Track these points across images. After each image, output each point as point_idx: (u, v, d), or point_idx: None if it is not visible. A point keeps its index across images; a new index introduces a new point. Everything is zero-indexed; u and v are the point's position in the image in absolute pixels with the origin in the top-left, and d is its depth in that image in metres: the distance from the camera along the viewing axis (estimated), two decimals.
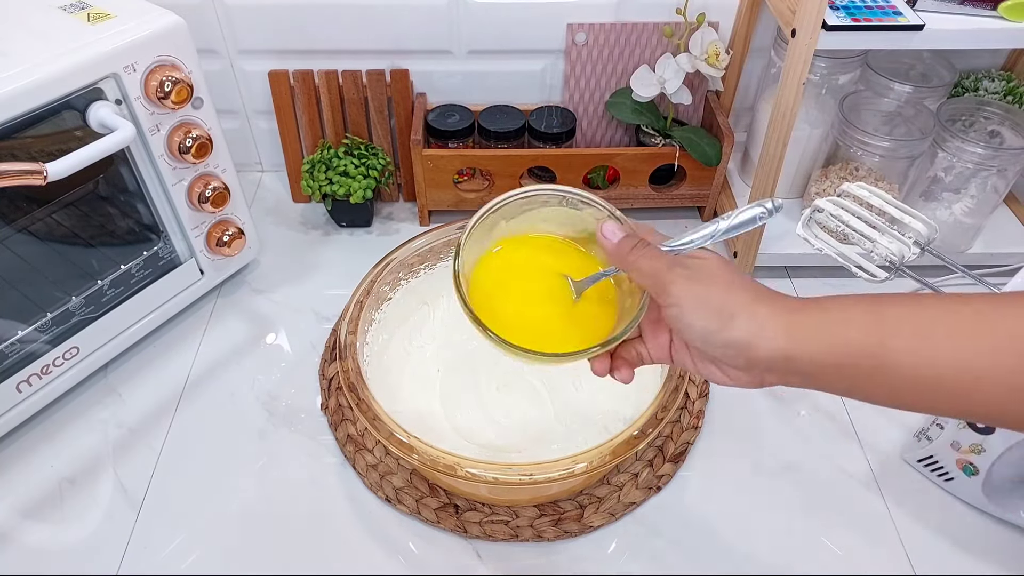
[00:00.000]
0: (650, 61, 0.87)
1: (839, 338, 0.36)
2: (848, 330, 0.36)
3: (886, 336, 0.35)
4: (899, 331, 0.35)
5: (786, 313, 0.38)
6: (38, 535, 0.61)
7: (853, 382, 0.37)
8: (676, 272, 0.40)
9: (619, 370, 0.46)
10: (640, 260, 0.42)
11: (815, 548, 0.61)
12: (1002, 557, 0.61)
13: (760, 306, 0.38)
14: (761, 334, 0.38)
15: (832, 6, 0.67)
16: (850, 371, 0.36)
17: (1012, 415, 0.34)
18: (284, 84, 0.86)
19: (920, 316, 0.36)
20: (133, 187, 0.68)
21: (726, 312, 0.38)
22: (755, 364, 0.39)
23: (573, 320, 0.49)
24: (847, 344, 0.36)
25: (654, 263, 0.42)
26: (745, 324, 0.38)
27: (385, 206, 0.95)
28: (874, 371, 0.36)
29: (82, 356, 0.70)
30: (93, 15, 0.63)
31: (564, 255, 0.52)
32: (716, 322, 0.39)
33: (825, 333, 0.37)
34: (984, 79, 0.88)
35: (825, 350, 0.37)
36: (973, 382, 0.34)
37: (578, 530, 0.62)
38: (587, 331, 0.47)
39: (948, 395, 0.35)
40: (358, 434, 0.68)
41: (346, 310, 0.65)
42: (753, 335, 0.38)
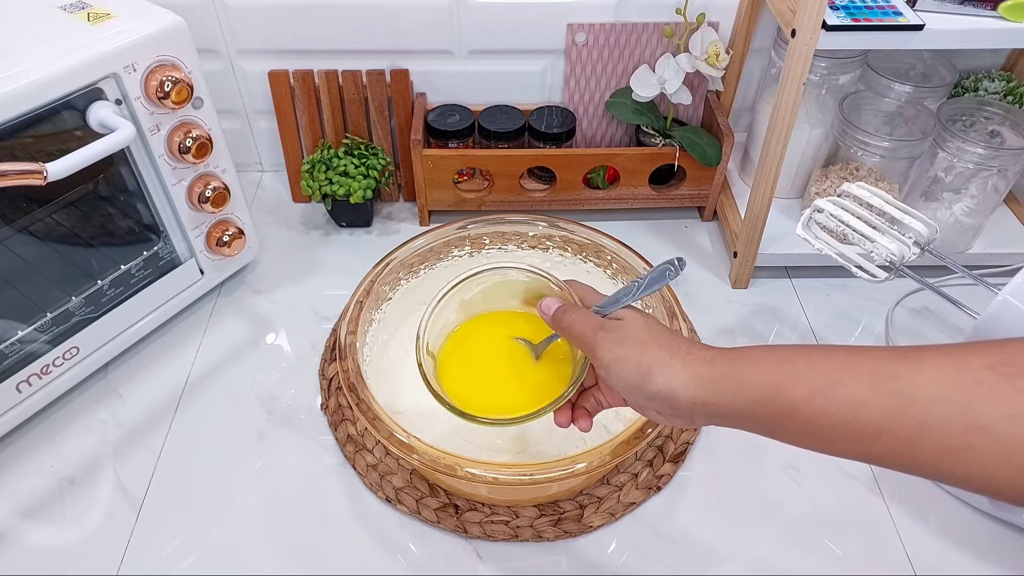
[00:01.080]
0: (650, 61, 0.87)
1: (747, 388, 0.40)
2: (753, 380, 0.40)
3: (785, 387, 0.38)
4: (797, 383, 0.38)
5: (699, 366, 0.42)
6: (38, 535, 0.61)
7: (767, 427, 0.40)
8: (600, 336, 0.46)
9: (578, 420, 0.51)
10: (571, 327, 0.48)
11: (815, 548, 0.61)
12: (1002, 557, 0.61)
13: (676, 361, 0.43)
14: (677, 387, 0.42)
15: (832, 6, 0.67)
16: (760, 417, 0.40)
17: (914, 466, 0.36)
18: (284, 84, 0.86)
19: (818, 368, 0.38)
20: (133, 187, 0.68)
21: (643, 369, 0.43)
22: (680, 411, 0.42)
23: (535, 381, 0.54)
24: (754, 393, 0.39)
25: (582, 329, 0.47)
26: (663, 379, 0.42)
27: (385, 206, 0.95)
28: (780, 418, 0.39)
29: (82, 356, 0.70)
30: (93, 15, 0.63)
31: (521, 323, 0.58)
32: (637, 378, 0.43)
33: (733, 385, 0.40)
34: (984, 79, 0.88)
35: (735, 399, 0.40)
36: (874, 434, 0.36)
37: (578, 530, 0.62)
38: (548, 389, 0.52)
39: (848, 442, 0.37)
40: (358, 434, 0.68)
41: (346, 310, 0.65)
42: (670, 388, 0.42)
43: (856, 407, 0.36)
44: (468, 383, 0.55)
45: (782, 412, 0.38)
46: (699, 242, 0.90)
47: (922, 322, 0.80)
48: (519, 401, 0.52)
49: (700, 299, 0.82)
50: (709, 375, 0.41)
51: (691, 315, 0.76)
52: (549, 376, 0.54)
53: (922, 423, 0.34)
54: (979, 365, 0.34)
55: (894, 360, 0.36)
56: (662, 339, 0.45)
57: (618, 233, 0.73)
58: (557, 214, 0.78)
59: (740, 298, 0.83)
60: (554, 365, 0.55)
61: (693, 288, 0.84)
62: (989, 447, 0.33)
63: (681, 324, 0.64)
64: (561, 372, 0.54)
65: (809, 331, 0.79)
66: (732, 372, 0.41)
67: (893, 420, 0.35)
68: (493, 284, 0.57)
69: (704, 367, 0.42)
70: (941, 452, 0.34)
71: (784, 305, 0.82)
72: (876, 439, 0.36)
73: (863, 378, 0.36)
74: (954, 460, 0.34)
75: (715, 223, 0.92)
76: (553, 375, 0.54)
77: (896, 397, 0.35)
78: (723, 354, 0.42)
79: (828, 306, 0.82)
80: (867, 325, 0.80)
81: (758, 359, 0.40)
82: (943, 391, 0.34)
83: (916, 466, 0.36)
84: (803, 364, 0.38)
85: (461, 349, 0.58)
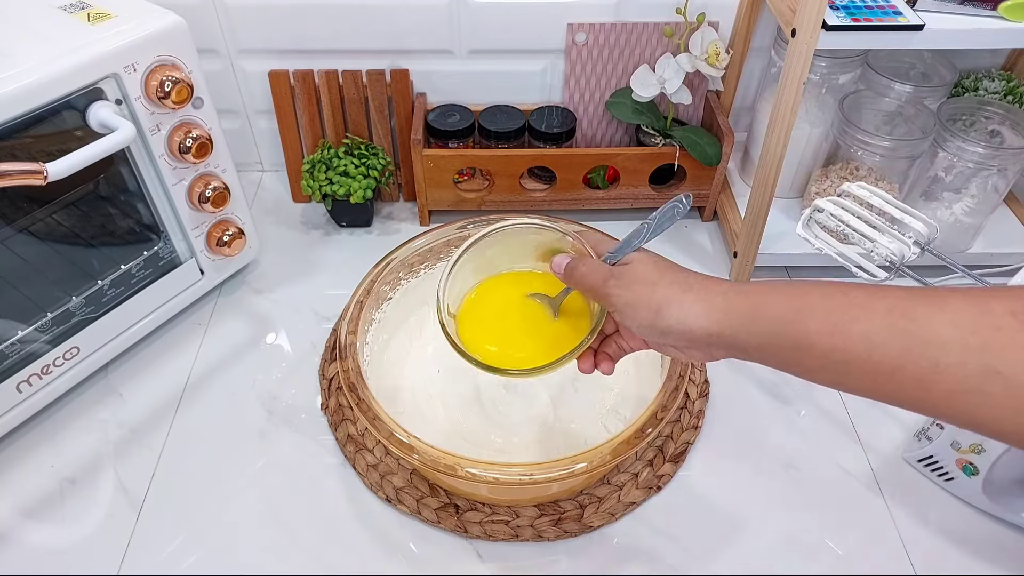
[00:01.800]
0: (650, 61, 0.87)
1: (761, 320, 0.40)
2: (768, 312, 0.40)
3: (800, 321, 0.38)
4: (813, 316, 0.38)
5: (712, 297, 0.42)
6: (38, 535, 0.61)
7: (782, 360, 0.40)
8: (610, 285, 0.46)
9: (600, 365, 0.53)
10: (583, 280, 0.49)
11: (815, 548, 0.61)
12: (1002, 557, 0.61)
13: (688, 296, 0.43)
14: (689, 320, 0.42)
15: (832, 6, 0.67)
16: (776, 350, 0.40)
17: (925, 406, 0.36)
18: (284, 84, 0.86)
19: (835, 304, 0.38)
20: (133, 187, 0.68)
21: (655, 307, 0.44)
22: (696, 343, 0.43)
23: (555, 334, 0.55)
24: (770, 325, 0.40)
25: (593, 280, 0.48)
26: (676, 314, 0.43)
27: (385, 206, 0.95)
28: (795, 352, 0.39)
29: (82, 356, 0.70)
30: (93, 15, 0.63)
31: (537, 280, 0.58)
32: (650, 317, 0.44)
33: (748, 316, 0.41)
34: (984, 79, 0.88)
35: (750, 331, 0.40)
36: (887, 373, 0.36)
37: (578, 530, 0.62)
38: (568, 341, 0.53)
39: (862, 379, 0.37)
40: (358, 434, 0.68)
41: (346, 310, 0.65)
42: (683, 322, 0.43)
43: (871, 345, 0.36)
44: (489, 341, 0.56)
45: (798, 346, 0.38)
46: (699, 242, 0.90)
47: None
48: (540, 353, 0.53)
49: None
50: (723, 306, 0.42)
51: None
52: (568, 329, 0.55)
53: (936, 364, 0.34)
54: (1001, 311, 0.34)
55: (913, 300, 0.36)
56: (672, 276, 0.45)
57: (618, 233, 0.72)
58: (557, 214, 0.78)
59: None
60: (572, 319, 0.56)
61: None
62: (1003, 393, 0.33)
63: None
64: (579, 324, 0.55)
65: None
66: (747, 304, 0.41)
67: (907, 360, 0.35)
68: (507, 243, 0.57)
69: (718, 298, 0.42)
70: (953, 394, 0.34)
71: None
72: (889, 378, 0.36)
73: (879, 316, 0.36)
74: (966, 403, 0.34)
75: (715, 223, 0.92)
76: (572, 328, 0.55)
77: (911, 337, 0.35)
78: (738, 287, 0.42)
79: None
80: None
81: (774, 291, 0.40)
82: (960, 334, 0.34)
83: (927, 406, 0.36)
84: (819, 299, 0.38)
85: (479, 309, 0.58)
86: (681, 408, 0.70)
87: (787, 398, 0.72)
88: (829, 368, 0.38)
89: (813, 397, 0.73)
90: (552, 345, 0.54)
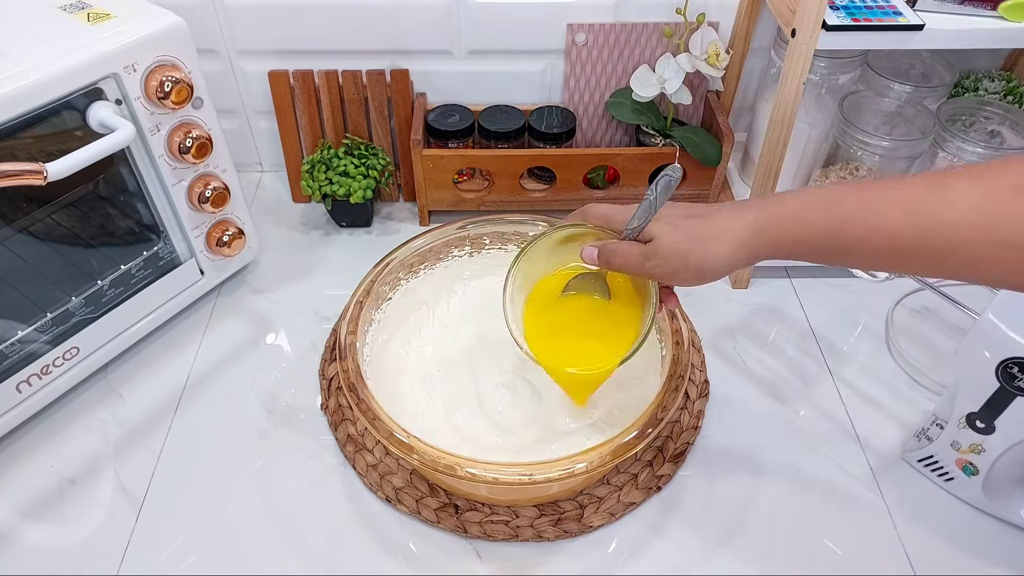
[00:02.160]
0: (650, 61, 0.87)
1: (785, 247, 0.47)
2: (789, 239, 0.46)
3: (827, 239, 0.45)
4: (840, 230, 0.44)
5: (742, 235, 0.48)
6: (38, 535, 0.61)
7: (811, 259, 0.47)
8: (649, 265, 0.51)
9: (667, 302, 0.57)
10: (622, 267, 0.53)
11: (815, 548, 0.61)
12: (1002, 557, 0.61)
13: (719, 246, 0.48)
14: (728, 264, 0.49)
15: (832, 6, 0.67)
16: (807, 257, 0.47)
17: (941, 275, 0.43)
18: (284, 84, 0.86)
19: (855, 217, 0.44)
20: (133, 187, 0.68)
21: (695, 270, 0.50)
22: (740, 268, 0.52)
23: (615, 320, 0.59)
24: (792, 247, 0.47)
25: (630, 264, 0.52)
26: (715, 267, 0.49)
27: (385, 206, 0.95)
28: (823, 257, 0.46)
29: (82, 356, 0.70)
30: (93, 15, 0.63)
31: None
32: (696, 278, 0.50)
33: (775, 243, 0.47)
34: (984, 79, 0.88)
35: (778, 252, 0.47)
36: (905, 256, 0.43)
37: (578, 530, 0.62)
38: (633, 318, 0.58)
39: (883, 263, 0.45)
40: (358, 434, 0.68)
41: (346, 310, 0.65)
42: (724, 269, 0.49)
43: (891, 238, 0.42)
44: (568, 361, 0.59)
45: (826, 247, 0.45)
46: None
47: (922, 322, 0.80)
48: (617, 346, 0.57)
49: (700, 299, 0.82)
50: (753, 236, 0.47)
51: (691, 314, 0.76)
52: (627, 305, 0.59)
53: (947, 243, 0.40)
54: (1003, 189, 0.38)
55: (925, 193, 0.41)
56: (699, 235, 0.49)
57: None
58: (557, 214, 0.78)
59: (740, 298, 0.83)
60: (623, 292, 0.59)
61: (693, 287, 0.83)
62: (1012, 257, 0.38)
63: (682, 324, 0.64)
64: (631, 291, 0.59)
65: (809, 331, 0.79)
66: (775, 224, 0.47)
67: (922, 244, 0.41)
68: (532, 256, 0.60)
69: (748, 223, 0.47)
70: (965, 264, 0.40)
71: (784, 305, 0.82)
72: (908, 260, 0.43)
73: (897, 211, 0.42)
74: (979, 271, 0.40)
75: None
76: (629, 302, 0.59)
77: (925, 228, 0.41)
78: (761, 209, 0.47)
79: (828, 306, 0.82)
80: (867, 325, 0.80)
81: (795, 208, 0.46)
82: (967, 216, 0.39)
83: (944, 275, 0.43)
84: (838, 208, 0.44)
85: (541, 318, 0.61)
86: (681, 408, 0.70)
87: (786, 398, 0.72)
88: (854, 256, 0.45)
89: (813, 397, 0.73)
90: (624, 328, 0.58)
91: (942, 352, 0.77)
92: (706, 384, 0.73)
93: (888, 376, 0.75)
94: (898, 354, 0.76)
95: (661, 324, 0.66)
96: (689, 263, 0.49)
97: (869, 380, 0.74)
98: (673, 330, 0.64)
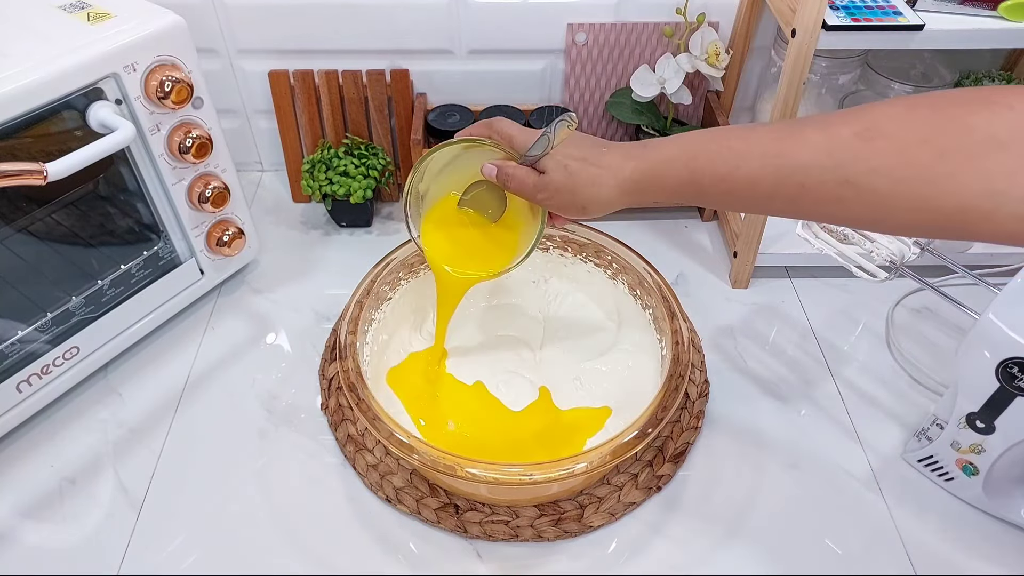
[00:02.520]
0: (650, 61, 0.87)
1: (665, 186, 0.52)
2: (669, 177, 0.51)
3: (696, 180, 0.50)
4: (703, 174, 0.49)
5: (623, 176, 0.53)
6: (38, 535, 0.61)
7: (685, 202, 0.53)
8: (540, 196, 0.56)
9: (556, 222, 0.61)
10: (516, 192, 0.57)
11: (815, 548, 0.61)
12: (1002, 557, 0.61)
13: (603, 186, 0.53)
14: (610, 203, 0.54)
15: (832, 6, 0.67)
16: (680, 198, 0.52)
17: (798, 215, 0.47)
18: (284, 84, 0.86)
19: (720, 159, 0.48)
20: (133, 187, 0.68)
21: (580, 205, 0.55)
22: (615, 210, 0.55)
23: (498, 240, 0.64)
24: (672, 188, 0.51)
25: (524, 190, 0.57)
26: (598, 206, 0.55)
27: (385, 206, 0.95)
28: (695, 198, 0.51)
29: (82, 356, 0.70)
30: (93, 15, 0.63)
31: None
32: (580, 213, 0.56)
33: (654, 185, 0.52)
34: (984, 79, 0.88)
35: (657, 195, 0.52)
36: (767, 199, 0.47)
37: (578, 530, 0.62)
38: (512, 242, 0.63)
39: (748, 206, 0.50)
40: (358, 434, 0.68)
41: (346, 310, 0.65)
42: (606, 207, 0.55)
43: (752, 184, 0.47)
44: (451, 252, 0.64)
45: (697, 195, 0.51)
46: (699, 242, 0.90)
47: (922, 322, 0.80)
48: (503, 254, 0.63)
49: (700, 299, 0.82)
50: (632, 185, 0.53)
51: (691, 315, 0.76)
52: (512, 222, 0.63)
53: (802, 186, 0.44)
54: (847, 134, 0.42)
55: (780, 141, 0.46)
56: (586, 176, 0.54)
57: (618, 233, 0.73)
58: None
59: (740, 298, 0.83)
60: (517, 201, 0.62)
61: (693, 288, 0.84)
62: (854, 197, 0.43)
63: (681, 324, 0.64)
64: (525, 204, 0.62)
65: (809, 331, 0.79)
66: (651, 176, 0.52)
67: (780, 188, 0.46)
68: (442, 167, 0.62)
69: (627, 175, 0.52)
70: (818, 204, 0.45)
71: (784, 305, 0.82)
72: (769, 202, 0.47)
73: (756, 160, 0.46)
74: (829, 209, 0.44)
75: (715, 223, 0.92)
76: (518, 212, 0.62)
77: (781, 171, 0.45)
78: (638, 157, 0.52)
79: (828, 306, 0.82)
80: (867, 325, 0.80)
81: (670, 159, 0.51)
82: (818, 159, 0.44)
83: (800, 215, 0.47)
84: (706, 159, 0.49)
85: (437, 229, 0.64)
86: (681, 408, 0.70)
87: (787, 398, 0.72)
88: (721, 204, 0.51)
89: (813, 397, 0.73)
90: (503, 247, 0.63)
91: (942, 352, 0.77)
92: (706, 384, 0.73)
93: (888, 376, 0.75)
94: (898, 354, 0.76)
95: (661, 324, 0.66)
96: (575, 201, 0.55)
97: (869, 380, 0.74)
98: (673, 330, 0.64)
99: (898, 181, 0.41)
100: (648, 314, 0.70)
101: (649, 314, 0.70)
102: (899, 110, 0.42)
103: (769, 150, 0.46)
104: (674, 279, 0.84)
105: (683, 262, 0.87)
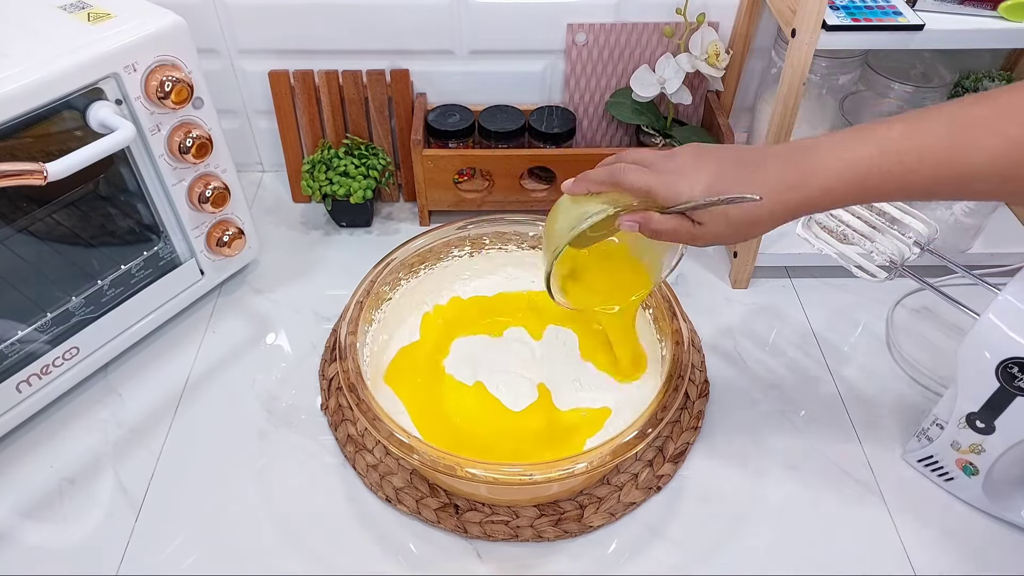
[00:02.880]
0: (650, 61, 0.87)
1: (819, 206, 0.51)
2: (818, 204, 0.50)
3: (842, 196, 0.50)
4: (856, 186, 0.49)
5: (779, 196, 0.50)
6: (38, 535, 0.61)
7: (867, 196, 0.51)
8: (699, 242, 0.54)
9: None
10: (668, 240, 0.54)
11: (815, 548, 0.61)
12: (1002, 557, 0.61)
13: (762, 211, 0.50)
14: (769, 226, 0.52)
15: (832, 6, 0.67)
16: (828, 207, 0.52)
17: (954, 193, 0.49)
18: (284, 84, 0.86)
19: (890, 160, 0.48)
20: (133, 187, 0.68)
21: (743, 235, 0.53)
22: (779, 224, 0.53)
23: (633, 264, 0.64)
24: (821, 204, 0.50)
25: (678, 239, 0.54)
26: (758, 231, 0.52)
27: (385, 206, 0.95)
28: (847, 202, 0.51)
29: (82, 356, 0.70)
30: (93, 15, 0.63)
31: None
32: (742, 240, 0.54)
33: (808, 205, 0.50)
34: (984, 79, 0.88)
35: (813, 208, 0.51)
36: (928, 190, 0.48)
37: (578, 530, 0.62)
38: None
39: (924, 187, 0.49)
40: (358, 434, 0.68)
41: (346, 310, 0.65)
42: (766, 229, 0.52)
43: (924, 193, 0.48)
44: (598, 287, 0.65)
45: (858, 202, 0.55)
46: None
47: (922, 322, 0.80)
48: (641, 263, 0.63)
49: (700, 299, 0.82)
50: (795, 214, 0.51)
51: (691, 315, 0.76)
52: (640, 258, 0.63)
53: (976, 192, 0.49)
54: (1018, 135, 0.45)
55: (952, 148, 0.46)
56: (746, 221, 0.51)
57: None
58: None
59: (740, 298, 0.83)
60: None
61: (693, 288, 0.84)
62: None
63: (682, 324, 0.64)
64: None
65: (809, 331, 0.79)
66: (818, 203, 0.50)
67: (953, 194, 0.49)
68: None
69: (793, 207, 0.50)
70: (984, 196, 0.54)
71: (784, 305, 0.82)
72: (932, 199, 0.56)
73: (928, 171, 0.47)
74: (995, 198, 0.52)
75: None
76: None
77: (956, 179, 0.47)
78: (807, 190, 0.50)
79: (828, 306, 0.82)
80: (867, 325, 0.80)
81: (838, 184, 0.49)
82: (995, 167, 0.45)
83: None
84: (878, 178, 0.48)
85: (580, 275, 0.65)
86: (681, 408, 0.70)
87: (787, 398, 0.72)
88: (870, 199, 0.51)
89: (813, 397, 0.73)
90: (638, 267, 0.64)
91: (942, 352, 0.77)
92: (706, 384, 0.73)
93: (888, 376, 0.75)
94: (898, 354, 0.76)
95: (661, 324, 0.66)
96: (738, 234, 0.53)
97: (869, 380, 0.74)
98: (673, 330, 0.64)
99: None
100: (648, 314, 0.70)
101: (649, 314, 0.70)
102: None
103: (942, 159, 0.46)
104: (674, 279, 0.84)
105: (683, 262, 0.87)
